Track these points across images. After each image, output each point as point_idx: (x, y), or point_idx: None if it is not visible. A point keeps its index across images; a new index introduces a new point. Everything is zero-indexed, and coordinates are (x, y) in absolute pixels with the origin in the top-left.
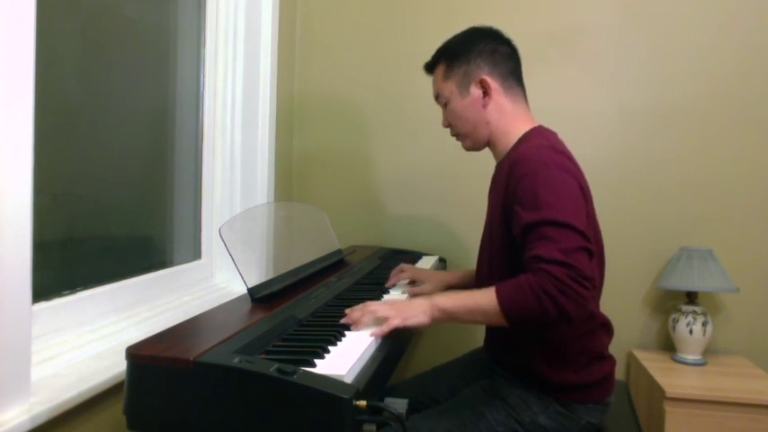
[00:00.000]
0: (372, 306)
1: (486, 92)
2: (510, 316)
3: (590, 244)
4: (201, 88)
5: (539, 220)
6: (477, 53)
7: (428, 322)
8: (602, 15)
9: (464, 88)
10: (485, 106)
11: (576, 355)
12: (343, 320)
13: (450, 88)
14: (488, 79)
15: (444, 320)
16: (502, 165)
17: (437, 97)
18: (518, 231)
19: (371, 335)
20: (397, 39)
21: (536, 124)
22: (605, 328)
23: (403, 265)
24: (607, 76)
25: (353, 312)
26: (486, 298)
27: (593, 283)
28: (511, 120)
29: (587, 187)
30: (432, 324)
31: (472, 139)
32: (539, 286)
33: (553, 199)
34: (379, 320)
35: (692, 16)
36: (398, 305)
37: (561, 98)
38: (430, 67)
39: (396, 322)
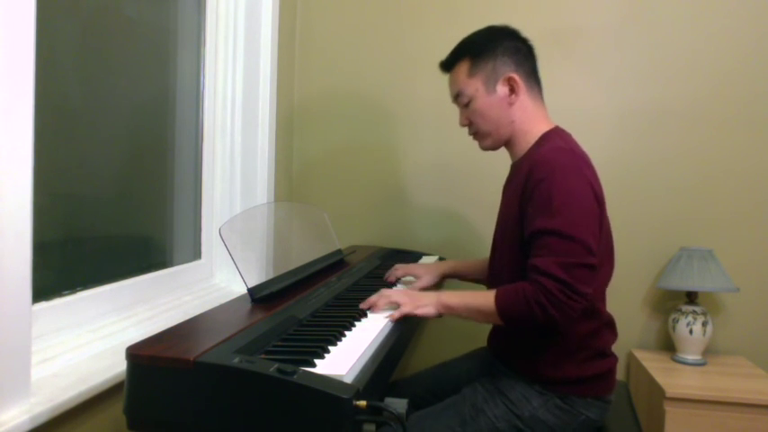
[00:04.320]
0: (388, 292)
1: (513, 90)
2: (504, 318)
3: (593, 259)
4: (201, 88)
5: (547, 228)
6: (503, 50)
7: (435, 314)
8: (603, 15)
9: (490, 86)
10: (511, 105)
11: (579, 351)
12: (361, 305)
13: (475, 86)
14: (516, 77)
15: (448, 314)
16: (520, 165)
17: (457, 96)
18: (527, 233)
19: (386, 317)
20: (397, 40)
21: (554, 125)
22: (610, 326)
23: (397, 265)
24: (607, 76)
25: (371, 297)
26: (485, 301)
27: (586, 297)
28: (531, 119)
29: (601, 191)
30: (436, 317)
31: (493, 138)
32: (532, 296)
33: (565, 208)
34: (394, 306)
35: (692, 16)
36: (411, 294)
37: (561, 98)
38: (448, 65)
39: (407, 309)
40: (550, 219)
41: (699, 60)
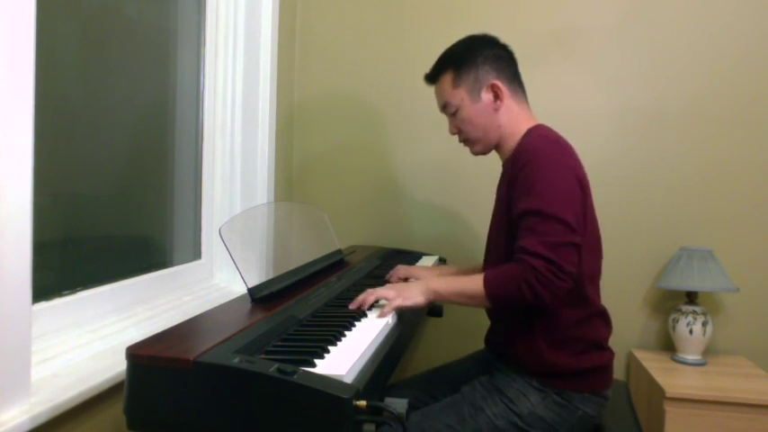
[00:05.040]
0: (374, 289)
1: (497, 96)
2: (493, 300)
3: (577, 237)
4: (201, 88)
5: (530, 209)
6: (483, 59)
7: (424, 303)
8: (603, 15)
9: (475, 94)
10: (496, 110)
11: (575, 340)
12: (350, 306)
13: (460, 95)
14: (499, 84)
15: (438, 301)
16: (509, 161)
17: (445, 107)
18: (513, 216)
19: (378, 316)
20: (397, 40)
21: (537, 122)
22: (603, 317)
23: (399, 266)
24: (607, 76)
25: (359, 297)
26: (474, 284)
27: (572, 276)
28: (517, 120)
29: (586, 180)
30: (427, 305)
31: (483, 143)
32: (521, 276)
33: (547, 190)
34: (383, 302)
35: (692, 16)
36: (398, 287)
37: (561, 98)
38: (433, 78)
39: (397, 302)
40: (533, 200)
41: (699, 60)
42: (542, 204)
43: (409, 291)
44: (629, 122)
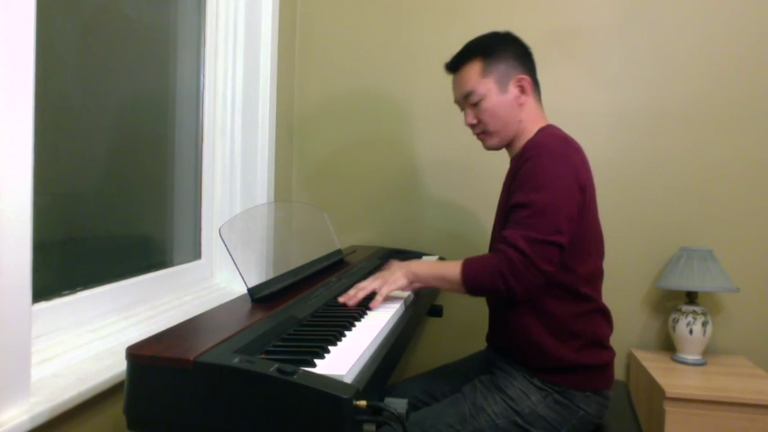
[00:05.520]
0: (361, 284)
1: (523, 90)
2: (468, 286)
3: (562, 238)
4: (201, 88)
5: (523, 202)
6: (511, 53)
7: (406, 284)
8: (603, 15)
9: (503, 86)
10: (521, 105)
11: (576, 335)
12: (339, 299)
13: (487, 85)
14: (527, 79)
15: (418, 284)
16: (515, 158)
17: (467, 95)
18: (508, 209)
19: (369, 307)
20: (397, 39)
21: (549, 123)
22: (604, 315)
23: (391, 261)
24: (607, 76)
25: (349, 292)
26: (452, 269)
27: (546, 275)
28: (533, 118)
29: (589, 181)
30: (409, 287)
31: (500, 137)
32: (495, 266)
33: (544, 186)
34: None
35: (692, 16)
36: (382, 274)
37: (561, 98)
38: (457, 66)
39: (384, 290)
40: (528, 193)
41: (699, 60)
42: (535, 199)
43: (392, 275)
44: (629, 123)
